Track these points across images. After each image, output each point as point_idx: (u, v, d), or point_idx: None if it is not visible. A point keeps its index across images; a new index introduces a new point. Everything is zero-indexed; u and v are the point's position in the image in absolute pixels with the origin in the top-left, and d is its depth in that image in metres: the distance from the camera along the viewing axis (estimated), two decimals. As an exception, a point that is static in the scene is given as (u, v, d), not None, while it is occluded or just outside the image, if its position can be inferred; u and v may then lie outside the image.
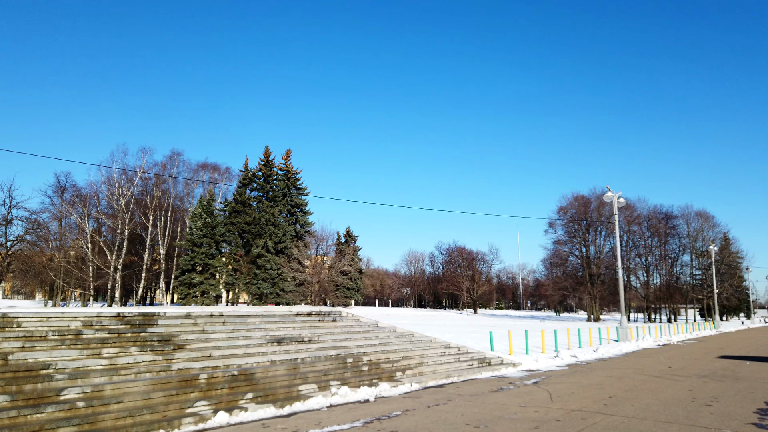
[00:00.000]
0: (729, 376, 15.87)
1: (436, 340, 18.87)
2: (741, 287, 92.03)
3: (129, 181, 67.11)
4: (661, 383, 14.34)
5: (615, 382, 14.52)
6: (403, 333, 18.41)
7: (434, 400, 11.72)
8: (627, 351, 26.62)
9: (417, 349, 17.10)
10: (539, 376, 16.25)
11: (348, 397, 11.75)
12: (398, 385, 13.24)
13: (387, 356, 15.27)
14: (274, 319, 15.35)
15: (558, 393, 12.59)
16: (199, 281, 58.64)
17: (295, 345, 13.94)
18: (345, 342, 15.46)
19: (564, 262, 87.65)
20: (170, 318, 12.87)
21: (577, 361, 21.13)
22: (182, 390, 9.85)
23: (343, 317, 17.96)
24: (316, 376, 12.39)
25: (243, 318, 14.51)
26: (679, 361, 21.24)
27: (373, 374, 13.67)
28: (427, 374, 14.98)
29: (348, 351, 14.62)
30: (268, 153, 68.27)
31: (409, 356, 16.02)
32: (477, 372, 16.52)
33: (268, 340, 13.63)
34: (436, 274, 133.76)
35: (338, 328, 16.65)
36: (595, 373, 16.75)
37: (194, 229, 59.41)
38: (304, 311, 16.83)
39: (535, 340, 27.51)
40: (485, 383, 14.54)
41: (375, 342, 16.30)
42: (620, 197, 34.21)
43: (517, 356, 20.89)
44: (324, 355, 13.76)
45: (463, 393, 12.70)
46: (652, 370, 17.74)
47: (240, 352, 12.36)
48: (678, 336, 40.65)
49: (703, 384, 14.18)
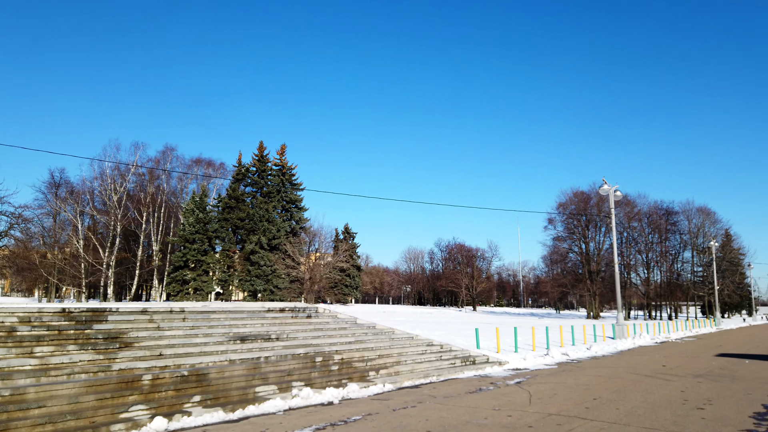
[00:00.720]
0: (726, 376, 14.95)
1: (418, 337, 17.97)
2: (743, 284, 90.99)
3: (122, 176, 66.32)
4: (652, 383, 13.42)
5: (603, 383, 13.61)
6: (382, 330, 17.51)
7: (403, 402, 10.82)
8: (622, 349, 25.69)
9: (396, 347, 16.20)
10: (524, 375, 15.35)
11: (310, 399, 10.85)
12: (369, 386, 12.34)
13: (361, 355, 14.38)
14: (241, 315, 14.46)
15: (539, 394, 11.69)
16: (191, 278, 57.84)
17: (260, 343, 13.04)
18: (317, 340, 14.56)
19: (563, 258, 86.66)
20: (122, 314, 11.98)
21: (568, 360, 20.22)
22: (120, 393, 8.96)
23: (320, 313, 17.06)
24: (279, 377, 11.50)
25: (206, 314, 13.61)
26: (674, 359, 20.31)
27: (343, 374, 12.78)
28: (403, 374, 14.09)
29: (319, 349, 13.72)
30: (262, 148, 67.39)
31: (385, 355, 15.13)
32: (459, 371, 15.62)
33: (230, 338, 12.73)
34: (436, 271, 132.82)
35: (312, 325, 15.75)
36: (584, 372, 15.84)
37: (186, 225, 58.60)
38: (276, 307, 15.94)
39: (526, 338, 26.60)
40: (464, 383, 13.64)
41: (350, 340, 15.40)
42: (617, 191, 33.25)
43: (505, 354, 19.99)
44: (291, 354, 12.87)
45: (437, 394, 11.80)
46: (645, 369, 16.82)
47: (196, 350, 11.47)
48: (677, 333, 39.72)
49: (697, 384, 13.26)
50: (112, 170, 65.28)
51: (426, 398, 11.29)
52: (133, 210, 68.62)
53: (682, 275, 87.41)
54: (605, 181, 32.49)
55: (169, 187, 71.59)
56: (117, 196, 64.49)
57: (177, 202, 70.63)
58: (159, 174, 70.63)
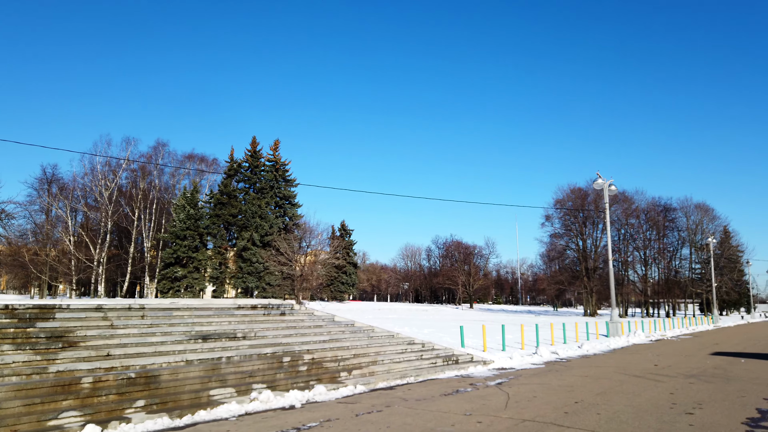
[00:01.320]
0: (719, 376, 14.20)
1: (399, 336, 17.20)
2: (741, 281, 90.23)
3: (113, 172, 65.47)
4: (641, 385, 12.66)
5: (589, 384, 12.85)
6: (361, 328, 16.74)
7: (370, 406, 10.05)
8: (615, 347, 24.95)
9: (374, 345, 15.43)
10: (507, 375, 14.59)
11: (270, 403, 10.08)
12: (339, 388, 11.58)
13: (335, 354, 13.61)
14: (208, 312, 13.68)
15: (518, 397, 10.92)
16: (182, 275, 57.04)
17: (223, 342, 12.27)
18: (288, 338, 13.79)
19: (561, 255, 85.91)
20: (74, 311, 11.20)
21: (557, 359, 19.47)
22: (53, 397, 8.19)
23: (295, 311, 16.28)
24: (239, 378, 10.72)
25: (168, 311, 12.84)
26: (667, 358, 19.56)
27: (312, 375, 12.01)
28: (379, 374, 13.32)
29: (288, 349, 12.95)
30: (255, 143, 66.51)
31: (361, 354, 14.36)
32: (440, 371, 14.86)
33: (191, 337, 11.96)
34: (434, 269, 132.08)
35: (285, 322, 14.98)
36: (570, 372, 15.08)
37: (177, 222, 57.76)
38: (248, 304, 15.16)
39: (516, 336, 25.84)
40: (442, 385, 12.88)
41: (325, 338, 14.63)
42: (611, 185, 32.47)
43: (491, 353, 19.24)
44: (257, 354, 12.10)
45: (410, 397, 11.03)
46: (636, 368, 16.07)
47: (149, 350, 10.69)
48: (673, 331, 39.00)
49: (688, 386, 12.50)
50: (103, 166, 64.45)
51: (396, 401, 10.53)
52: (125, 206, 67.84)
53: (680, 272, 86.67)
54: (599, 175, 31.71)
55: (162, 183, 70.81)
56: (108, 192, 63.67)
57: (169, 198, 69.79)
58: (151, 170, 69.83)
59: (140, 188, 66.81)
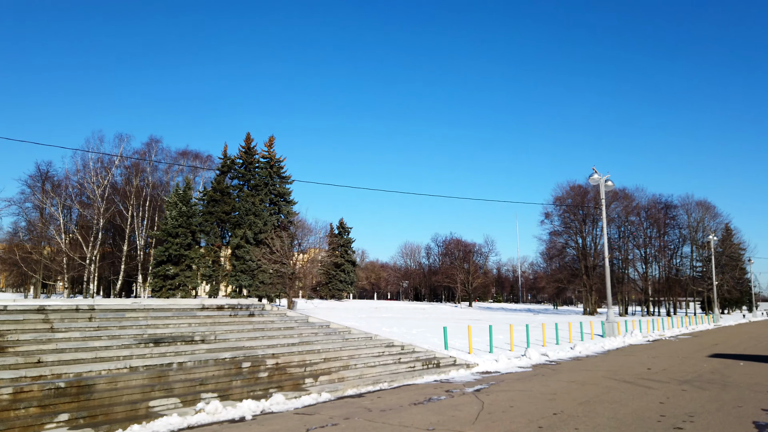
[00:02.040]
0: (716, 382, 13.26)
1: (378, 337, 16.29)
2: (743, 279, 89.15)
3: (105, 169, 64.69)
4: (629, 392, 11.73)
5: (574, 391, 11.92)
6: (336, 330, 15.83)
7: (327, 418, 9.14)
8: (609, 348, 24.02)
9: (348, 348, 14.52)
10: (489, 380, 13.67)
11: (218, 415, 9.17)
12: (301, 396, 10.67)
13: (302, 358, 12.70)
14: (166, 314, 12.79)
15: (493, 407, 10.00)
16: (174, 273, 56.13)
17: (178, 346, 11.37)
18: (253, 341, 12.88)
19: (560, 253, 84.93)
20: (11, 313, 10.32)
21: (546, 361, 18.55)
22: (-40, 411, 7.28)
23: (266, 311, 15.38)
24: (188, 387, 9.82)
25: (120, 312, 11.95)
26: (663, 360, 18.62)
27: (273, 382, 11.11)
28: (349, 380, 12.41)
29: (251, 353, 12.04)
30: (249, 140, 65.56)
31: (333, 358, 13.44)
32: (417, 376, 13.95)
33: (142, 341, 11.06)
34: (433, 267, 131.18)
35: (253, 324, 14.07)
36: (557, 377, 14.15)
37: (169, 219, 56.86)
38: (213, 304, 14.27)
39: (507, 337, 24.89)
40: (416, 391, 11.97)
41: (295, 341, 13.73)
42: (608, 180, 31.52)
43: (477, 356, 18.32)
44: (213, 359, 11.19)
45: (375, 407, 10.12)
46: (627, 372, 15.13)
47: (89, 356, 9.79)
48: (672, 330, 38.04)
49: (680, 393, 11.56)
50: (95, 162, 63.68)
51: (358, 412, 9.61)
52: (118, 203, 67.10)
53: (681, 270, 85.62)
54: (595, 170, 30.74)
55: (155, 179, 69.99)
56: (100, 190, 62.91)
57: (163, 195, 68.98)
58: (144, 167, 69.03)
59: (133, 185, 66.05)
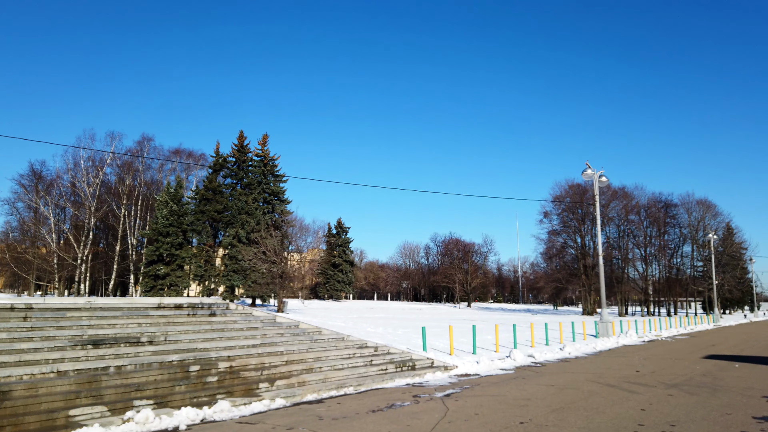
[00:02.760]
0: (706, 386, 12.36)
1: (350, 338, 15.42)
2: (744, 279, 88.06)
3: (96, 168, 63.93)
4: (611, 397, 10.84)
5: (551, 396, 11.03)
6: (306, 330, 14.96)
7: (270, 428, 8.27)
8: (601, 349, 23.11)
9: (315, 350, 13.65)
10: (464, 384, 12.80)
11: (149, 425, 8.30)
12: (251, 402, 9.80)
13: (261, 361, 11.83)
14: (115, 313, 11.94)
15: (456, 414, 9.13)
16: (165, 273, 55.33)
17: (120, 348, 10.51)
18: (208, 343, 12.02)
19: (560, 253, 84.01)
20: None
21: (532, 362, 17.67)
22: None
23: (230, 311, 14.52)
24: (120, 393, 8.95)
25: (61, 312, 11.11)
26: (654, 362, 17.72)
27: (223, 387, 10.24)
28: (310, 384, 11.55)
29: (203, 355, 11.18)
30: (242, 138, 64.69)
31: (296, 360, 12.58)
32: (388, 379, 13.07)
33: (79, 342, 10.21)
34: (432, 266, 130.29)
35: (212, 324, 13.21)
36: (537, 381, 13.27)
37: (159, 218, 56.08)
38: (171, 303, 13.42)
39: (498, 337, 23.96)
40: (381, 396, 11.10)
41: (256, 342, 12.86)
42: (602, 176, 30.63)
43: (458, 357, 17.43)
44: (159, 362, 10.33)
45: (328, 415, 9.25)
46: (614, 375, 14.23)
47: (12, 359, 8.94)
48: (669, 331, 37.11)
49: (666, 399, 10.67)
50: (87, 161, 62.92)
51: (307, 421, 8.75)
52: (111, 202, 66.38)
53: (681, 270, 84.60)
54: (589, 165, 29.84)
55: (148, 178, 69.28)
56: (91, 189, 62.18)
57: (153, 194, 68.25)
58: (137, 166, 68.31)
59: (126, 184, 65.31)
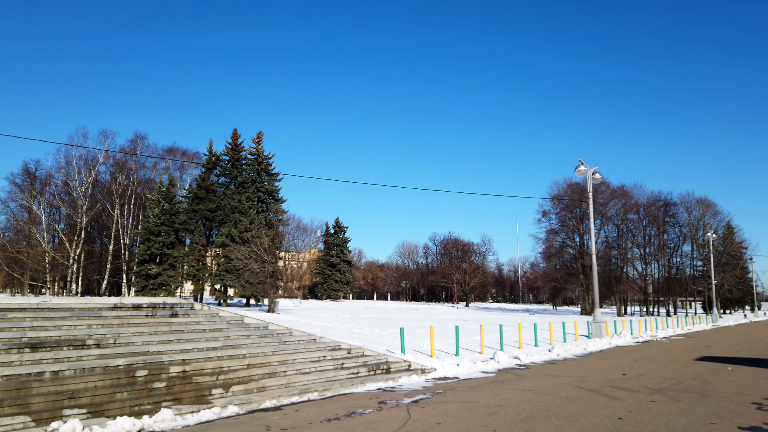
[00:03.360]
0: (694, 391, 11.62)
1: (322, 340, 14.70)
2: (744, 278, 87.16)
3: (89, 167, 63.30)
4: (589, 403, 10.11)
5: (525, 402, 10.31)
6: (275, 332, 14.24)
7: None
8: (592, 350, 22.37)
9: (282, 353, 12.94)
10: (438, 389, 12.08)
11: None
12: (199, 411, 9.10)
13: (219, 365, 11.12)
14: (63, 314, 11.24)
15: (417, 424, 8.41)
16: (156, 272, 54.65)
17: (61, 351, 9.81)
18: (163, 346, 11.31)
19: (559, 252, 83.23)
20: None
21: (516, 365, 16.94)
22: None
23: (195, 311, 13.80)
24: (51, 401, 8.25)
25: (1, 313, 10.40)
26: (644, 364, 16.97)
27: (171, 393, 9.53)
28: (272, 389, 10.84)
29: (153, 359, 10.48)
30: (236, 136, 64.09)
31: (259, 364, 11.88)
32: (359, 383, 12.35)
33: (15, 345, 9.50)
34: (431, 266, 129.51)
35: (172, 326, 12.49)
36: (515, 385, 12.54)
37: (151, 217, 55.41)
38: (128, 303, 12.71)
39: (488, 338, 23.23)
40: (345, 402, 10.39)
41: (217, 345, 12.15)
42: (595, 172, 29.85)
43: (440, 359, 16.70)
44: (103, 366, 9.62)
45: (280, 424, 8.53)
46: (598, 379, 13.50)
47: (-67, 364, 8.26)
48: (666, 331, 36.35)
49: (647, 406, 9.93)
50: (79, 159, 62.29)
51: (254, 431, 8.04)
52: (104, 201, 65.79)
53: (681, 269, 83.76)
54: (582, 162, 29.07)
55: (141, 177, 68.66)
56: (83, 188, 61.57)
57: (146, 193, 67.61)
58: (131, 165, 67.68)
59: (119, 183, 64.70)
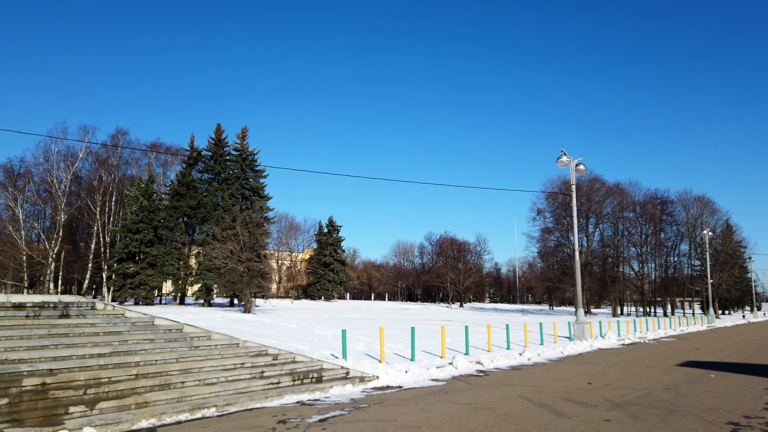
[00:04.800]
0: (662, 406, 9.84)
1: (247, 344, 12.95)
2: (743, 278, 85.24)
3: (68, 163, 61.62)
4: (528, 423, 8.34)
5: (452, 422, 8.54)
6: (189, 335, 12.48)
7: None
8: (569, 354, 20.60)
9: (188, 360, 11.20)
10: (367, 401, 10.32)
11: None
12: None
13: (95, 375, 9.38)
14: None
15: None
16: (134, 271, 52.92)
17: None
18: (28, 353, 9.57)
19: (553, 251, 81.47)
20: None
21: (476, 371, 15.19)
22: None
23: (94, 311, 12.05)
24: None
25: None
26: (618, 371, 15.19)
27: (12, 413, 7.82)
28: (157, 405, 9.09)
29: (8, 369, 8.76)
30: (219, 131, 62.28)
31: (152, 373, 10.13)
32: (276, 395, 10.59)
33: None
34: (426, 266, 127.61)
35: (54, 329, 10.75)
36: (457, 397, 10.77)
37: (129, 214, 53.70)
38: (11, 302, 10.98)
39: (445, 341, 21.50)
40: (243, 421, 8.65)
41: (104, 351, 10.39)
42: (579, 164, 28.08)
43: (389, 365, 14.94)
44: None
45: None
46: (556, 389, 11.72)
47: None
48: (657, 332, 34.54)
49: (598, 427, 8.16)
50: (57, 155, 60.57)
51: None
52: (84, 198, 64.16)
53: (678, 269, 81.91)
54: (564, 152, 27.27)
55: (123, 174, 66.95)
56: (62, 184, 59.85)
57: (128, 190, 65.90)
58: (113, 161, 65.98)
59: (100, 179, 63.05)
